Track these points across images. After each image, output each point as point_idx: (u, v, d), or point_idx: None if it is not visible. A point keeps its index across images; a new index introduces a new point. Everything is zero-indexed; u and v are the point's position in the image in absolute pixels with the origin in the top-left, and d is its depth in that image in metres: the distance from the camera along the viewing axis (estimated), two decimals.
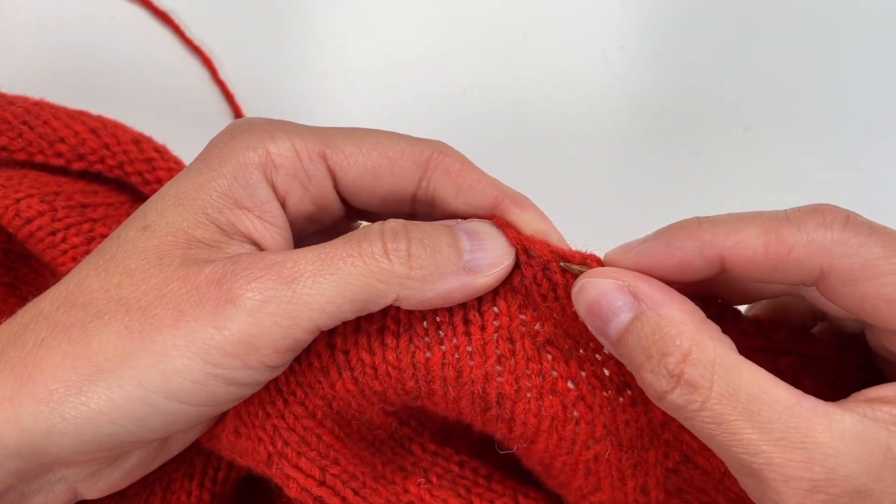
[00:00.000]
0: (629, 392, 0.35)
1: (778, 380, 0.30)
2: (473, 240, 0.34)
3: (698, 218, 0.33)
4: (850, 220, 0.31)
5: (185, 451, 0.39)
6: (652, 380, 0.31)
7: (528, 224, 0.35)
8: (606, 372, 0.35)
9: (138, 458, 0.36)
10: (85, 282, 0.33)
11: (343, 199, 0.37)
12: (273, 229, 0.35)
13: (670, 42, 0.61)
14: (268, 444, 0.36)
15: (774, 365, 0.36)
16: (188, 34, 0.60)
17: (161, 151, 0.47)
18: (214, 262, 0.33)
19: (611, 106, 0.61)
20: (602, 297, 0.33)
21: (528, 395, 0.35)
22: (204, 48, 0.60)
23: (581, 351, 0.35)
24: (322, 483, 0.36)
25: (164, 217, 0.34)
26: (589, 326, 0.33)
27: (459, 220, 0.36)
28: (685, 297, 0.32)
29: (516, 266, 0.35)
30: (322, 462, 0.36)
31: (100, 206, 0.46)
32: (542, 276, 0.34)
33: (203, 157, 0.36)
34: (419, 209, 0.38)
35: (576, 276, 0.34)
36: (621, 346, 0.32)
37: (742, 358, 0.31)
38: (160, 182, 0.46)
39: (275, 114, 0.60)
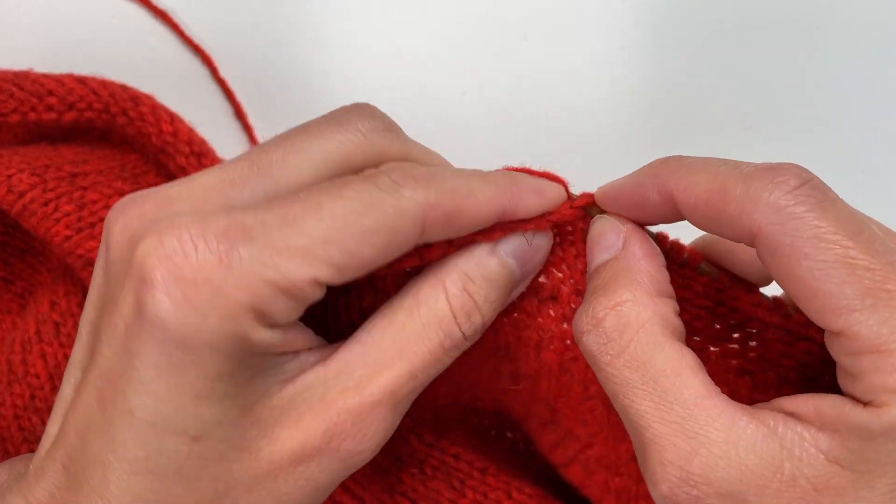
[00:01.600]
0: None
1: (702, 373, 0.30)
2: (522, 263, 0.34)
3: (672, 157, 0.33)
4: (801, 188, 0.29)
5: None
6: (577, 316, 0.32)
7: (529, 210, 0.34)
8: None
9: None
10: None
11: None
12: (296, 340, 0.31)
13: (670, 42, 0.61)
14: None
15: (791, 349, 0.35)
16: (188, 33, 0.60)
17: (145, 94, 0.49)
18: (307, 428, 0.31)
19: (611, 106, 0.61)
20: (601, 234, 0.34)
21: (528, 344, 0.35)
22: (203, 47, 0.60)
23: None
24: None
25: (206, 422, 0.29)
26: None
27: (500, 241, 0.34)
28: (665, 271, 0.33)
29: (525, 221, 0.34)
30: None
31: (90, 174, 0.46)
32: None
33: (186, 347, 0.28)
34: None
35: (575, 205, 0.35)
36: (589, 283, 0.33)
37: (672, 340, 0.30)
38: (143, 119, 0.48)
39: (275, 113, 0.60)
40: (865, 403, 0.28)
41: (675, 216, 0.33)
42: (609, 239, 0.33)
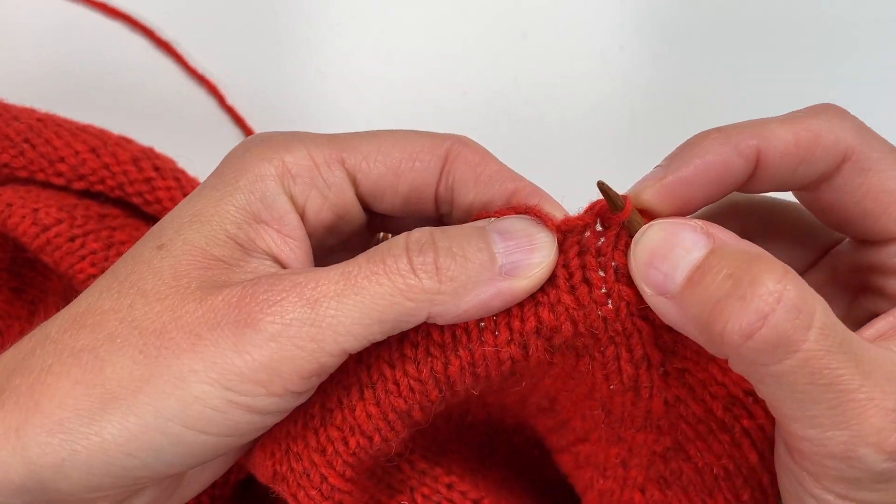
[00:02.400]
0: (636, 388, 0.34)
1: None
2: (507, 240, 0.31)
3: (714, 129, 0.32)
4: (850, 114, 0.32)
5: None
6: (741, 306, 0.27)
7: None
8: (620, 369, 0.33)
9: (149, 499, 0.34)
10: (96, 303, 0.32)
11: (364, 206, 0.36)
12: (293, 243, 0.34)
13: (670, 42, 0.61)
14: (277, 462, 0.34)
15: None
16: (191, 63, 0.60)
17: (160, 170, 0.46)
18: (233, 284, 0.31)
19: (611, 106, 0.61)
20: (672, 236, 0.30)
21: (536, 370, 0.34)
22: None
23: (598, 353, 0.33)
24: None
25: (180, 235, 0.32)
26: (645, 283, 0.30)
27: (493, 219, 0.33)
28: None
29: None
30: (322, 503, 0.34)
31: (119, 217, 0.45)
32: (575, 254, 0.32)
33: (218, 173, 0.34)
34: (442, 209, 0.36)
35: (622, 218, 0.32)
36: (691, 287, 0.29)
37: None
38: (160, 202, 0.46)
39: (275, 114, 0.60)
40: None
41: (746, 178, 0.32)
42: (687, 238, 0.30)
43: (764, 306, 0.27)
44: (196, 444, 0.30)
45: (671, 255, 0.30)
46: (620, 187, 0.60)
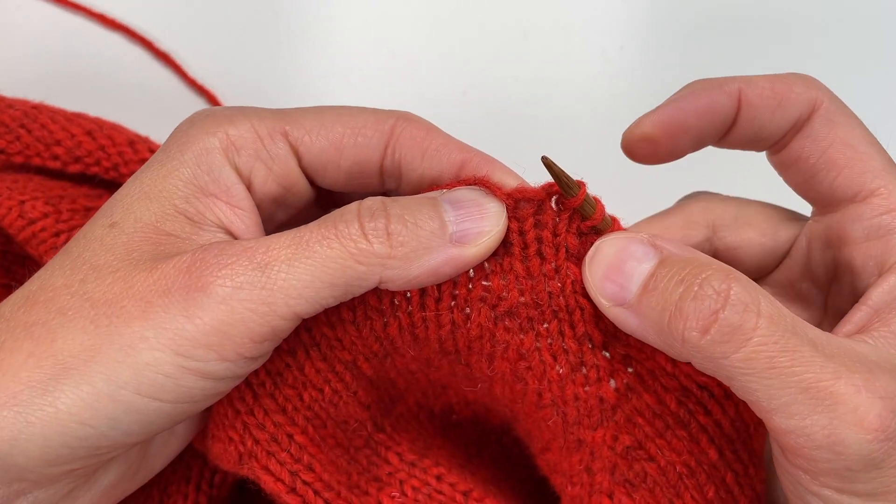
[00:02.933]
0: (584, 371, 0.34)
1: None
2: (458, 209, 0.32)
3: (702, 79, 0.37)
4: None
5: (182, 455, 0.39)
6: (695, 306, 0.29)
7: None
8: (565, 348, 0.34)
9: (116, 474, 0.34)
10: (49, 281, 0.32)
11: (310, 181, 0.36)
12: (242, 214, 0.34)
13: (670, 42, 0.61)
14: (238, 443, 0.34)
15: None
16: (190, 73, 0.60)
17: (156, 151, 0.47)
18: (184, 252, 0.31)
19: (611, 105, 0.60)
20: (623, 250, 0.32)
21: (481, 353, 0.35)
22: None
23: (544, 325, 0.34)
24: (292, 490, 0.35)
25: (131, 212, 0.33)
26: (602, 296, 0.32)
27: (444, 191, 0.34)
28: None
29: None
30: (294, 466, 0.35)
31: None
32: (531, 226, 0.33)
33: (164, 149, 0.34)
34: (389, 184, 0.36)
35: (575, 204, 0.32)
36: (646, 294, 0.31)
37: None
38: None
39: None
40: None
41: (732, 115, 0.36)
42: (637, 249, 0.32)
43: (714, 304, 0.29)
44: (150, 412, 0.30)
45: (625, 268, 0.32)
46: (620, 188, 0.59)
